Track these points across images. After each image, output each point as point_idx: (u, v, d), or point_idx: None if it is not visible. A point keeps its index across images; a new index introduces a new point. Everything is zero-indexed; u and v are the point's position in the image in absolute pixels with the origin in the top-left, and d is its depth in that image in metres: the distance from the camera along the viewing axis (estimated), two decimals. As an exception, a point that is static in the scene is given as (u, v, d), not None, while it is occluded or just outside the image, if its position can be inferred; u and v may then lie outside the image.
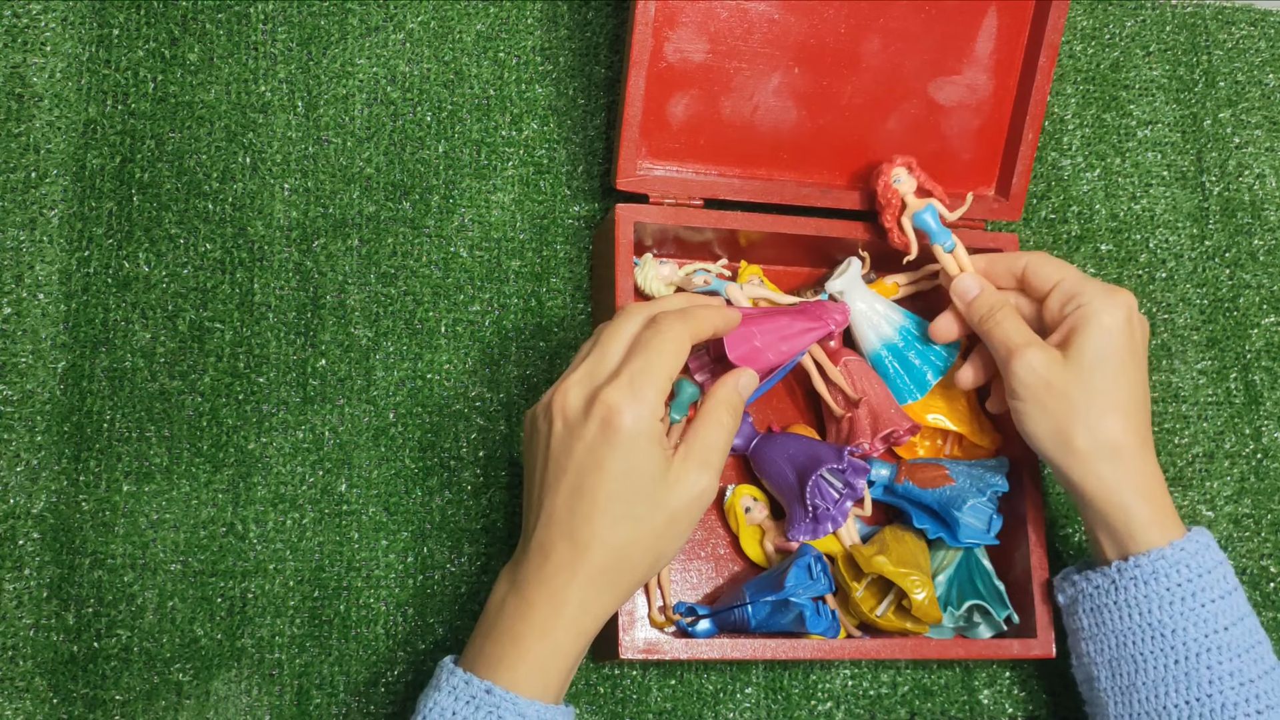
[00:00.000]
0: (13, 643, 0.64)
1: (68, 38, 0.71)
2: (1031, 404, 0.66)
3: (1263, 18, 0.92)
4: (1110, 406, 0.65)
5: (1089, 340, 0.65)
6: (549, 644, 0.56)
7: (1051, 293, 0.68)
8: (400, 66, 0.76)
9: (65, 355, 0.68)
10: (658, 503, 0.56)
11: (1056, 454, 0.66)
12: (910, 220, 0.71)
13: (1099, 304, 0.66)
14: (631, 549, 0.56)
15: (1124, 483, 0.65)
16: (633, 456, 0.56)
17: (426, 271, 0.74)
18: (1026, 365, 0.66)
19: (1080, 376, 0.65)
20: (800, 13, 0.72)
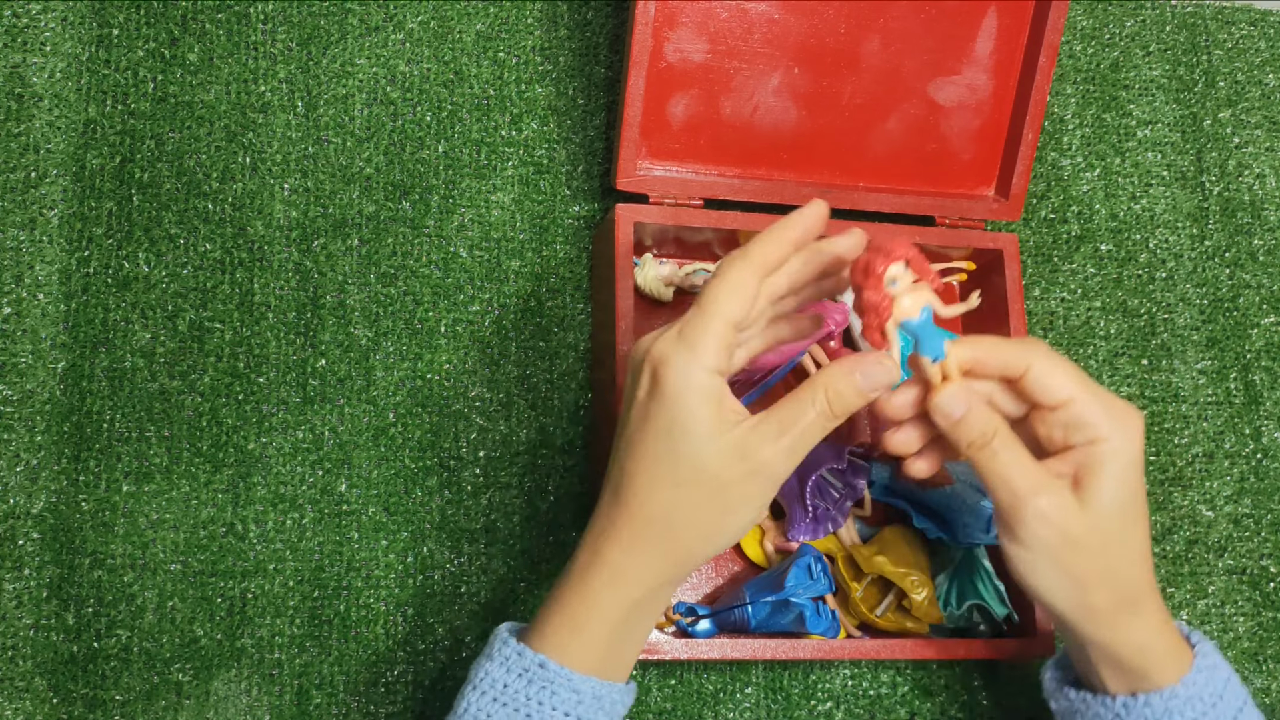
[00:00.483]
0: (13, 643, 0.64)
1: (68, 38, 0.71)
2: (1043, 558, 0.56)
3: (1263, 18, 0.92)
4: (1131, 557, 0.57)
5: (1108, 484, 0.55)
6: (595, 612, 0.53)
7: (1057, 411, 0.56)
8: (400, 66, 0.76)
9: (65, 355, 0.68)
10: (703, 467, 0.52)
11: (1069, 611, 0.57)
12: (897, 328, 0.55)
13: (1117, 440, 0.55)
14: (673, 514, 0.53)
15: (1142, 632, 0.58)
16: (677, 413, 0.52)
17: (426, 271, 0.74)
18: (1040, 516, 0.55)
19: (1099, 526, 0.55)
20: (800, 13, 0.72)
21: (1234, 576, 0.81)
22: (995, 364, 0.57)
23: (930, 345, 0.55)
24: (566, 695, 0.53)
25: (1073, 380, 0.56)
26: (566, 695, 0.53)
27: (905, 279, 0.54)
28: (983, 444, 0.56)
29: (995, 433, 0.56)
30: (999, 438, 0.56)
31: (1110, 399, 0.56)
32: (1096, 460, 0.55)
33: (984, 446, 0.56)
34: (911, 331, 0.55)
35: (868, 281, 0.54)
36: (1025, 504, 0.55)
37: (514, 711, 0.53)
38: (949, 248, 0.76)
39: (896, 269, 0.54)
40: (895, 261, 0.53)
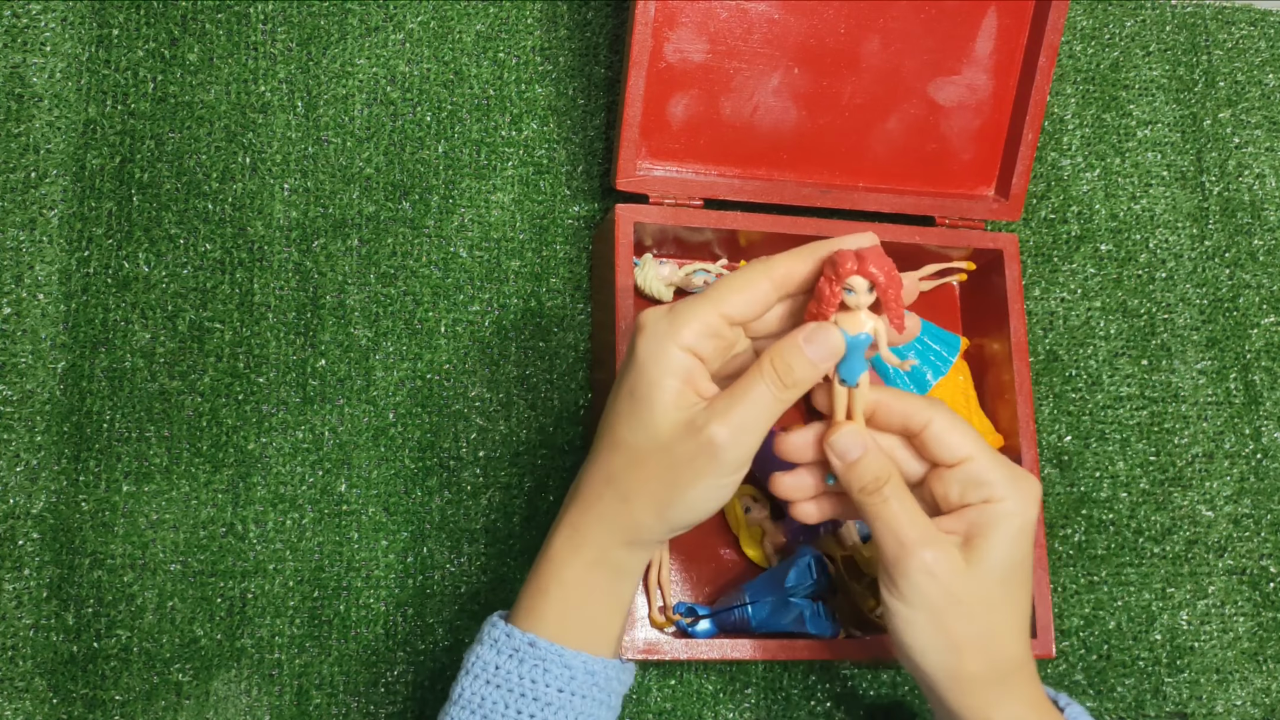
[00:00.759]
0: (13, 643, 0.64)
1: (68, 38, 0.71)
2: (923, 615, 0.53)
3: (1263, 18, 0.92)
4: (1011, 625, 0.54)
5: (998, 548, 0.53)
6: (554, 571, 0.54)
7: (954, 469, 0.55)
8: (400, 66, 0.76)
9: (65, 355, 0.68)
10: (655, 436, 0.52)
11: (939, 676, 0.54)
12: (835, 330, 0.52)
13: (1012, 504, 0.54)
14: (626, 478, 0.53)
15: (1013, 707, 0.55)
16: (640, 379, 0.52)
17: (426, 271, 0.74)
18: (925, 569, 0.53)
19: (983, 588, 0.53)
20: (800, 13, 0.72)
21: (1234, 576, 0.81)
22: (898, 413, 0.55)
23: (851, 368, 0.53)
24: (559, 672, 0.53)
25: (972, 440, 0.55)
26: (559, 672, 0.53)
27: (863, 298, 0.52)
28: (874, 489, 0.54)
29: (889, 480, 0.54)
30: (891, 485, 0.54)
31: (1011, 464, 0.55)
32: (990, 520, 0.54)
33: (875, 492, 0.54)
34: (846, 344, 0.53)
35: (830, 274, 0.52)
36: (911, 555, 0.53)
37: (508, 692, 0.53)
38: (949, 248, 0.76)
39: (861, 283, 0.51)
40: (865, 278, 0.51)
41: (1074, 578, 0.78)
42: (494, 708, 0.53)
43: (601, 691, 0.54)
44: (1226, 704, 0.78)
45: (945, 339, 0.75)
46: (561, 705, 0.53)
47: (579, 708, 0.53)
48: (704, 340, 0.52)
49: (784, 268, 0.53)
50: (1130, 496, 0.81)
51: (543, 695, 0.53)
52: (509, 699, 0.53)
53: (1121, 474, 0.81)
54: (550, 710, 0.53)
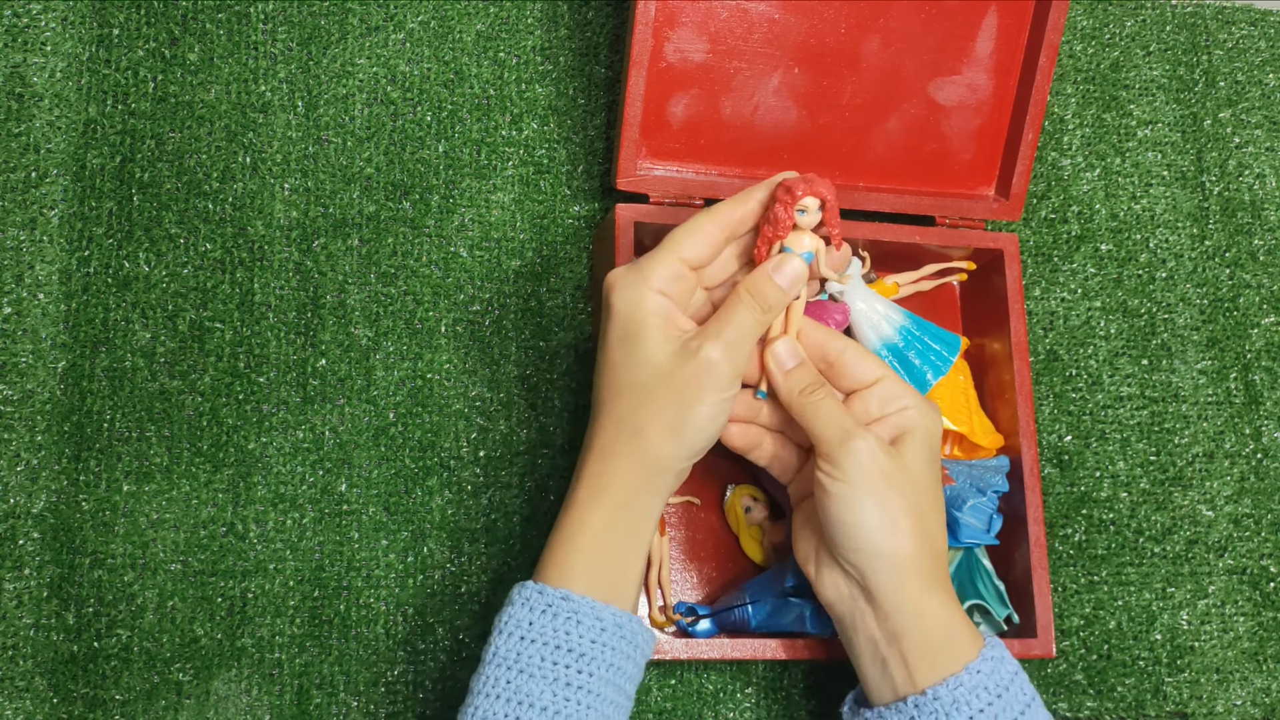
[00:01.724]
0: (13, 642, 0.64)
1: (68, 38, 0.71)
2: (864, 489, 0.58)
3: (1263, 17, 0.92)
4: (938, 512, 0.61)
5: (919, 443, 0.61)
6: (582, 525, 0.58)
7: (870, 389, 0.62)
8: (400, 66, 0.76)
9: (65, 355, 0.68)
10: (655, 365, 0.58)
11: (879, 551, 0.58)
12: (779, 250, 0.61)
13: (924, 408, 0.62)
14: (637, 413, 0.58)
15: (941, 593, 0.59)
16: (627, 325, 0.58)
17: (426, 271, 0.74)
18: (869, 448, 0.59)
19: (913, 475, 0.60)
20: (800, 13, 0.72)
21: (1234, 576, 0.81)
22: (815, 342, 0.63)
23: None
24: (591, 624, 0.55)
25: (882, 365, 0.63)
26: (591, 624, 0.55)
27: (813, 217, 0.60)
28: (813, 389, 0.61)
29: (823, 384, 0.62)
30: (825, 388, 0.61)
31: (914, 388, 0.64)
32: (908, 422, 0.61)
33: (814, 392, 0.61)
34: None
35: (785, 198, 0.59)
36: (854, 436, 0.59)
37: (543, 645, 0.55)
38: (949, 247, 0.76)
39: (813, 203, 0.59)
40: (816, 197, 0.59)
41: (1074, 577, 0.78)
42: (530, 661, 0.54)
43: (629, 645, 0.57)
44: (1226, 704, 0.78)
45: (945, 339, 0.75)
46: (595, 655, 0.55)
47: (609, 659, 0.55)
48: (671, 283, 0.59)
49: (726, 211, 0.60)
50: (1130, 496, 0.81)
51: (577, 646, 0.55)
52: (544, 652, 0.55)
53: (1122, 474, 0.81)
54: (585, 660, 0.55)
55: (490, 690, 0.54)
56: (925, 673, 0.58)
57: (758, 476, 0.73)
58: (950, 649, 0.58)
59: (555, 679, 0.54)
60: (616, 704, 0.56)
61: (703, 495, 0.74)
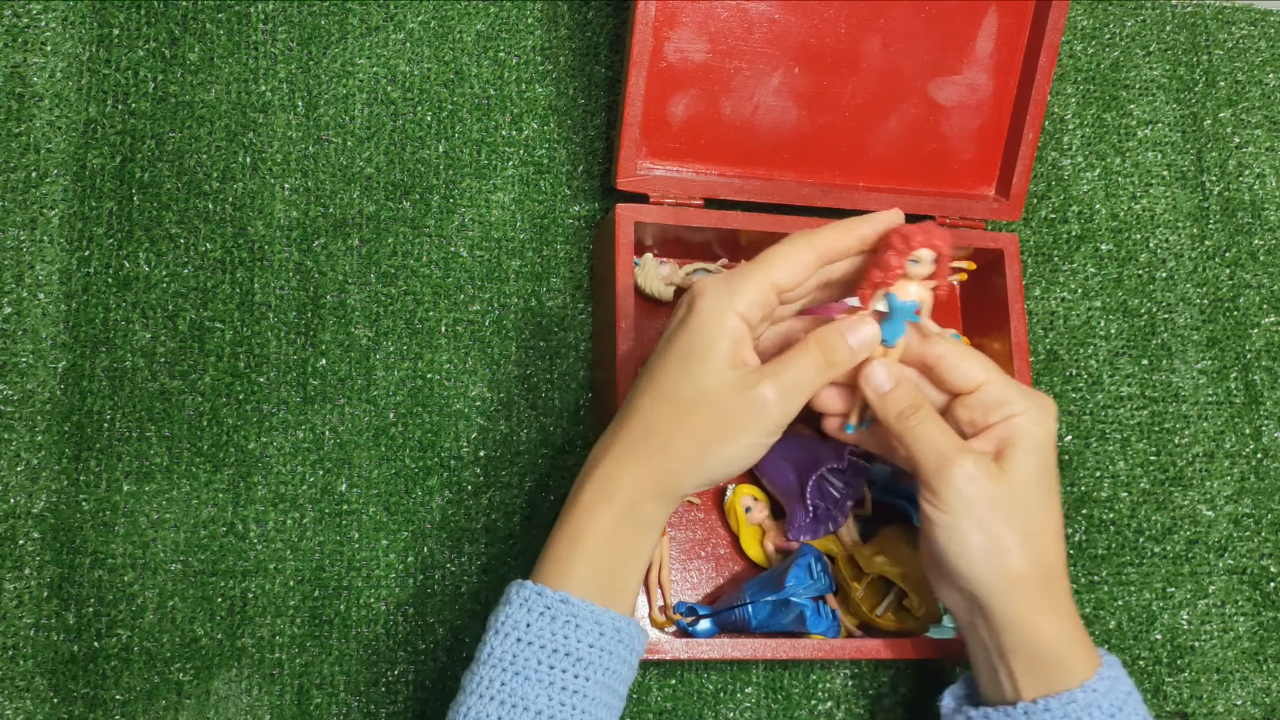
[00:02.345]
0: (13, 642, 0.64)
1: (68, 38, 0.71)
2: (966, 519, 0.57)
3: (1263, 17, 0.92)
4: (1048, 528, 0.59)
5: (1026, 456, 0.58)
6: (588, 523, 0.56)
7: (974, 394, 0.60)
8: (400, 66, 0.76)
9: (65, 355, 0.68)
10: (707, 390, 0.56)
11: (989, 578, 0.58)
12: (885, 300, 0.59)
13: (1034, 414, 0.59)
14: (670, 429, 0.56)
15: (1059, 610, 0.58)
16: (698, 338, 0.56)
17: (426, 271, 0.74)
18: (967, 475, 0.57)
19: (1019, 494, 0.58)
20: (800, 13, 0.72)
21: (1234, 576, 0.81)
22: (914, 347, 0.60)
23: (895, 329, 0.59)
24: (590, 628, 0.55)
25: (986, 365, 0.60)
26: (590, 628, 0.55)
27: (925, 268, 0.58)
28: (909, 414, 0.59)
29: (920, 405, 0.59)
30: (924, 409, 0.59)
31: (1024, 386, 0.60)
32: (1015, 433, 0.59)
33: (909, 417, 0.59)
34: (891, 308, 0.59)
35: (900, 246, 0.57)
36: (952, 465, 0.57)
37: (540, 649, 0.54)
38: (949, 248, 0.76)
39: (927, 255, 0.57)
40: (932, 250, 0.57)
41: (1074, 577, 0.78)
42: (526, 664, 0.54)
43: (625, 649, 0.56)
44: (1226, 704, 0.78)
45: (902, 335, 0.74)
46: (592, 660, 0.54)
47: (606, 663, 0.55)
48: (754, 308, 0.57)
49: (827, 241, 0.58)
50: (1131, 496, 0.81)
51: (574, 650, 0.54)
52: (541, 655, 0.54)
53: (1122, 474, 0.81)
54: (582, 665, 0.54)
55: (484, 691, 0.54)
56: (1033, 688, 0.58)
57: (758, 477, 0.73)
58: (1063, 667, 0.57)
59: (551, 683, 0.54)
60: (609, 706, 0.56)
61: (703, 495, 0.74)
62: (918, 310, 0.59)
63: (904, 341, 0.60)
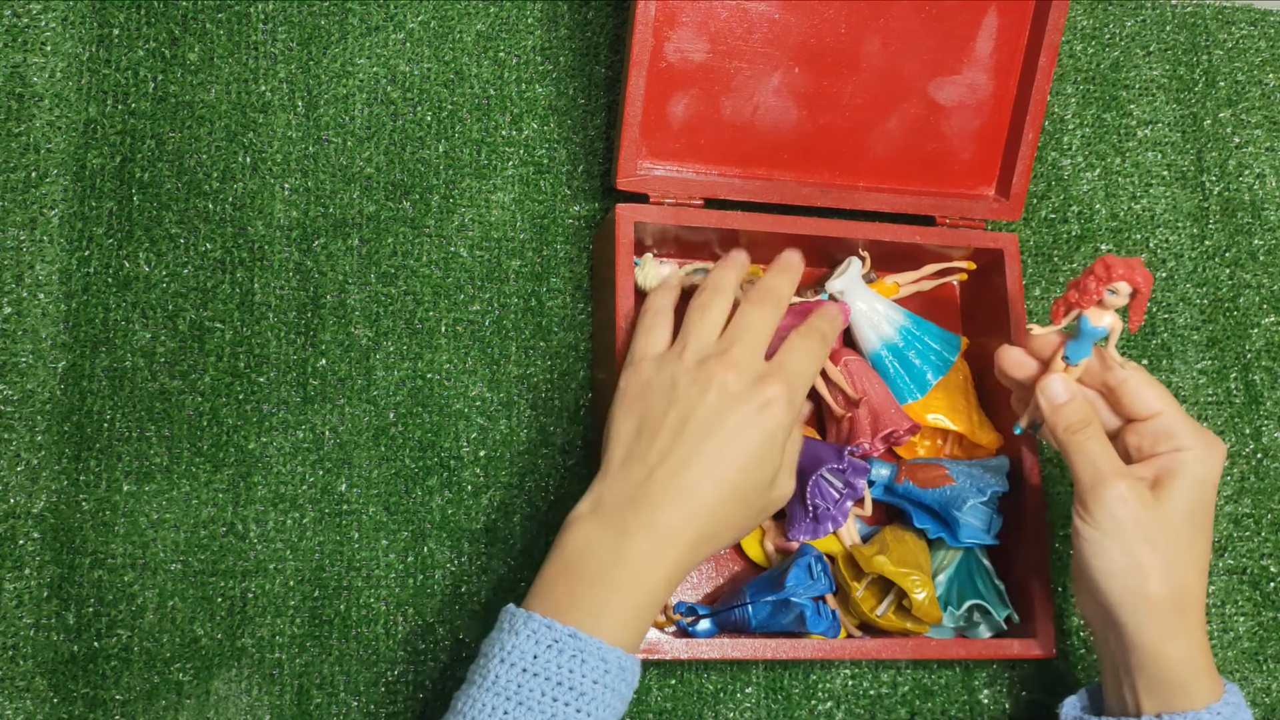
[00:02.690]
0: (13, 642, 0.64)
1: (68, 38, 0.71)
2: (1113, 538, 0.61)
3: (1263, 17, 0.92)
4: (1192, 561, 0.61)
5: (1184, 490, 0.61)
6: (642, 592, 0.57)
7: (1147, 422, 0.63)
8: (400, 66, 0.76)
9: (65, 355, 0.68)
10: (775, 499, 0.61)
11: (1125, 596, 0.61)
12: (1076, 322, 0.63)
13: (1199, 452, 0.62)
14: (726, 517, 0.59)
15: (1189, 637, 0.61)
16: (772, 450, 0.60)
17: (426, 271, 0.74)
18: (1119, 496, 0.61)
19: (1169, 523, 0.61)
20: (800, 13, 0.72)
21: (1234, 576, 0.81)
22: (1097, 369, 0.65)
23: (1080, 350, 0.64)
24: (595, 664, 0.55)
25: (1165, 397, 0.64)
26: (595, 664, 0.55)
27: (1121, 300, 0.62)
28: (1078, 429, 0.63)
29: (1091, 422, 0.63)
30: (1092, 427, 0.63)
31: (1198, 424, 0.63)
32: (1177, 465, 0.62)
33: (1078, 432, 0.63)
34: (1081, 330, 0.63)
35: (1102, 273, 0.61)
36: (1108, 484, 0.61)
37: (545, 680, 0.54)
38: (949, 247, 0.76)
39: (1125, 288, 0.61)
40: (1131, 286, 0.61)
41: (1074, 577, 0.78)
42: (530, 694, 0.54)
43: (626, 686, 0.57)
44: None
45: (946, 338, 0.75)
46: (595, 696, 0.55)
47: (607, 699, 0.55)
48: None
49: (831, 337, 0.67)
50: (1130, 496, 0.80)
51: (578, 685, 0.54)
52: (546, 687, 0.54)
53: (1122, 474, 0.81)
54: (584, 700, 0.54)
55: (484, 717, 0.54)
56: (1153, 705, 0.61)
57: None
58: (1185, 691, 0.60)
59: (553, 715, 0.54)
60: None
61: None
62: (1106, 337, 0.63)
63: (1085, 363, 0.64)
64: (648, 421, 0.60)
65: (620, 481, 0.59)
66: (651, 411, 0.60)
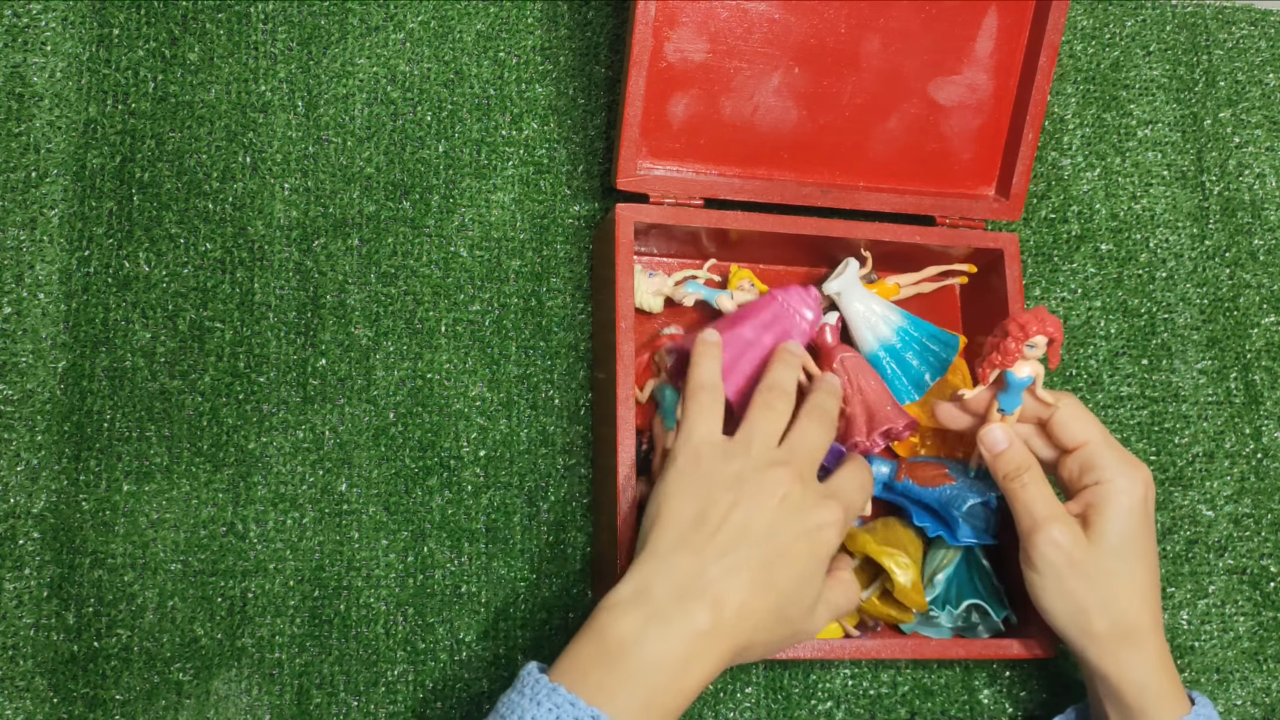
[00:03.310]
0: (13, 642, 0.64)
1: (68, 37, 0.71)
2: (1051, 580, 0.64)
3: (1263, 17, 0.92)
4: (1129, 591, 0.64)
5: (1109, 522, 0.64)
6: (674, 692, 0.55)
7: (1073, 454, 0.66)
8: (400, 66, 0.76)
9: (65, 355, 0.68)
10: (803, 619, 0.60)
11: (1073, 633, 0.65)
12: (1001, 376, 0.67)
13: (1120, 483, 0.64)
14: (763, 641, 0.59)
15: (1140, 668, 0.64)
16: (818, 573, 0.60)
17: (426, 271, 0.74)
18: (1051, 541, 0.64)
19: (1100, 558, 0.64)
20: (800, 13, 0.72)
21: (1234, 576, 0.81)
22: (1030, 407, 0.67)
23: (1012, 400, 0.67)
24: None
25: (1092, 428, 0.66)
26: None
27: (1040, 352, 0.66)
28: (1015, 475, 0.66)
29: (1028, 469, 0.66)
30: (1030, 473, 0.66)
31: (1124, 452, 0.65)
32: (1101, 499, 0.64)
33: (1016, 478, 0.66)
34: (1009, 384, 0.66)
35: (1018, 333, 0.65)
36: (1040, 530, 0.64)
37: None
38: (949, 247, 0.76)
39: (1042, 340, 0.65)
40: (1046, 337, 0.65)
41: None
42: None
43: None
44: (1227, 704, 0.78)
45: (944, 339, 0.75)
46: None
47: None
48: None
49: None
50: (1130, 496, 0.81)
51: None
52: None
53: (1121, 474, 0.81)
54: None
55: None
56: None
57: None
58: (1147, 714, 0.64)
59: None
60: None
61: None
62: (1032, 384, 0.66)
63: (1019, 410, 0.67)
64: (708, 513, 0.58)
65: (669, 570, 0.57)
66: (714, 503, 0.59)
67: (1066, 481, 0.67)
